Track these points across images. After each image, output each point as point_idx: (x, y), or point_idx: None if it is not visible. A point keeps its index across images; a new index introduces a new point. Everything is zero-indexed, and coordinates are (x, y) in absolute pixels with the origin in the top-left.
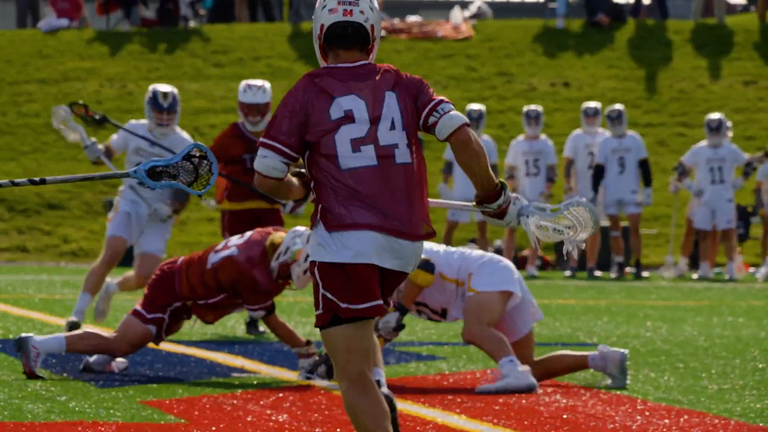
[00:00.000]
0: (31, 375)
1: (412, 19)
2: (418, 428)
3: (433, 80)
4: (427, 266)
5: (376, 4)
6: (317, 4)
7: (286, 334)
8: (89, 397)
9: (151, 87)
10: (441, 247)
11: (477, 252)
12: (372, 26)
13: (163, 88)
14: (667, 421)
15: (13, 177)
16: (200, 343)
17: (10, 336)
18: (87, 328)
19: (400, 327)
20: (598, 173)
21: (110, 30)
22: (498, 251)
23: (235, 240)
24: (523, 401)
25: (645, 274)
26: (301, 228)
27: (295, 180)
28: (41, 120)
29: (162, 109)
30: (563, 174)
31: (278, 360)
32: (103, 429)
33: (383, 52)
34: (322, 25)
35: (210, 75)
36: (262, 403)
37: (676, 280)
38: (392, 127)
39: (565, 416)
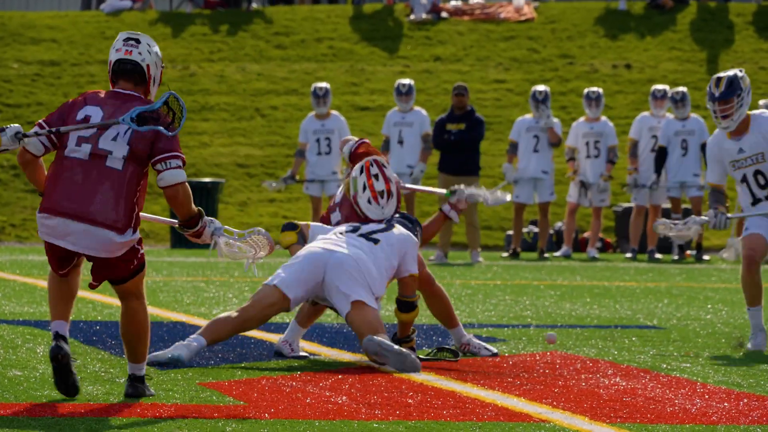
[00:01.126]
0: None
1: (475, 0)
2: (477, 410)
3: (495, 62)
4: (287, 225)
5: (156, 49)
6: (112, 46)
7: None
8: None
9: None
10: (336, 228)
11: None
12: (148, 66)
13: None
14: (726, 404)
15: None
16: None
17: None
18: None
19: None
20: (661, 155)
21: (173, 11)
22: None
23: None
24: (583, 384)
25: (706, 257)
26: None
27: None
28: None
29: None
30: (627, 155)
31: (338, 342)
32: (162, 411)
33: (446, 34)
34: (111, 62)
35: (272, 57)
36: (321, 385)
37: (737, 263)
38: (115, 138)
39: (624, 399)
